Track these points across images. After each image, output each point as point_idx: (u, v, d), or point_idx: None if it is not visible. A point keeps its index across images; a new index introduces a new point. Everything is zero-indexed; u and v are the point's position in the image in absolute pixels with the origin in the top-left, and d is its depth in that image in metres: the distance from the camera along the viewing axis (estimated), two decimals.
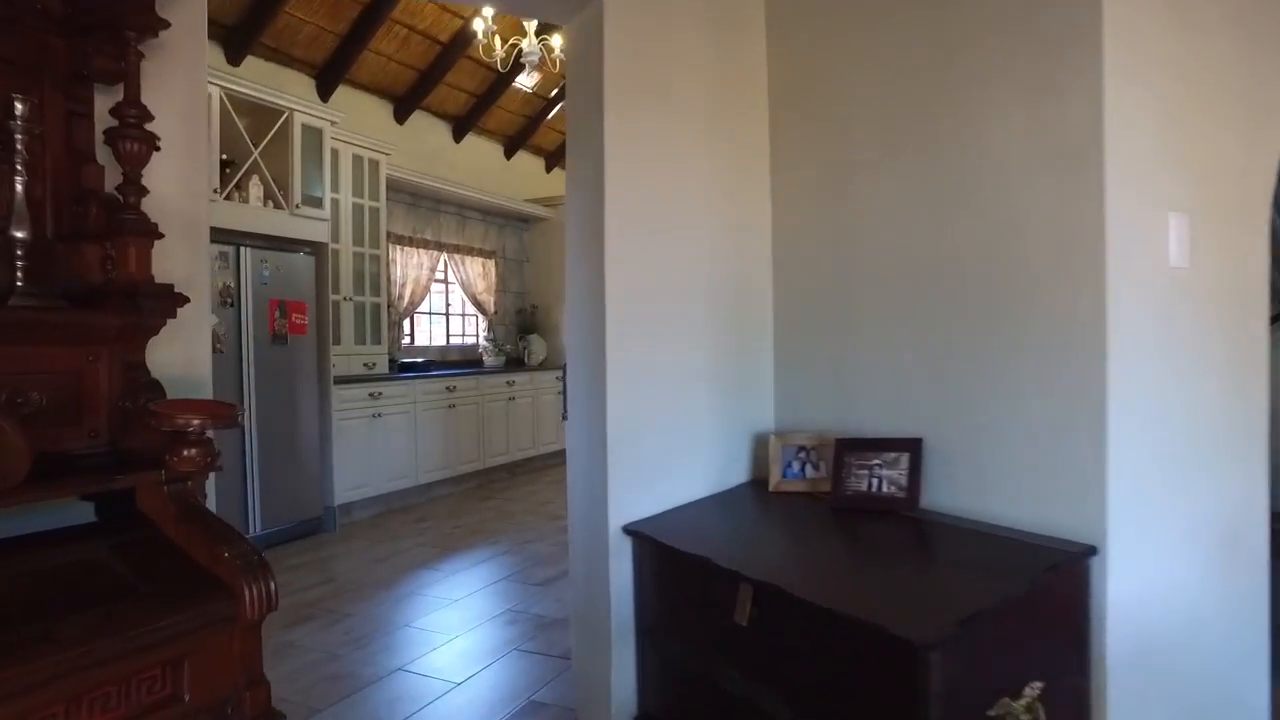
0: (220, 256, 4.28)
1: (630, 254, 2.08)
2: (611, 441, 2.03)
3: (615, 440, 2.03)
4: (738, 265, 2.36)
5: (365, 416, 5.28)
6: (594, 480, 2.11)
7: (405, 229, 6.58)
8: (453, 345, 7.36)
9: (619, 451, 2.04)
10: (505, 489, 6.34)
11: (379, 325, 5.73)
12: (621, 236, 2.07)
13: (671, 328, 2.17)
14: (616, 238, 2.06)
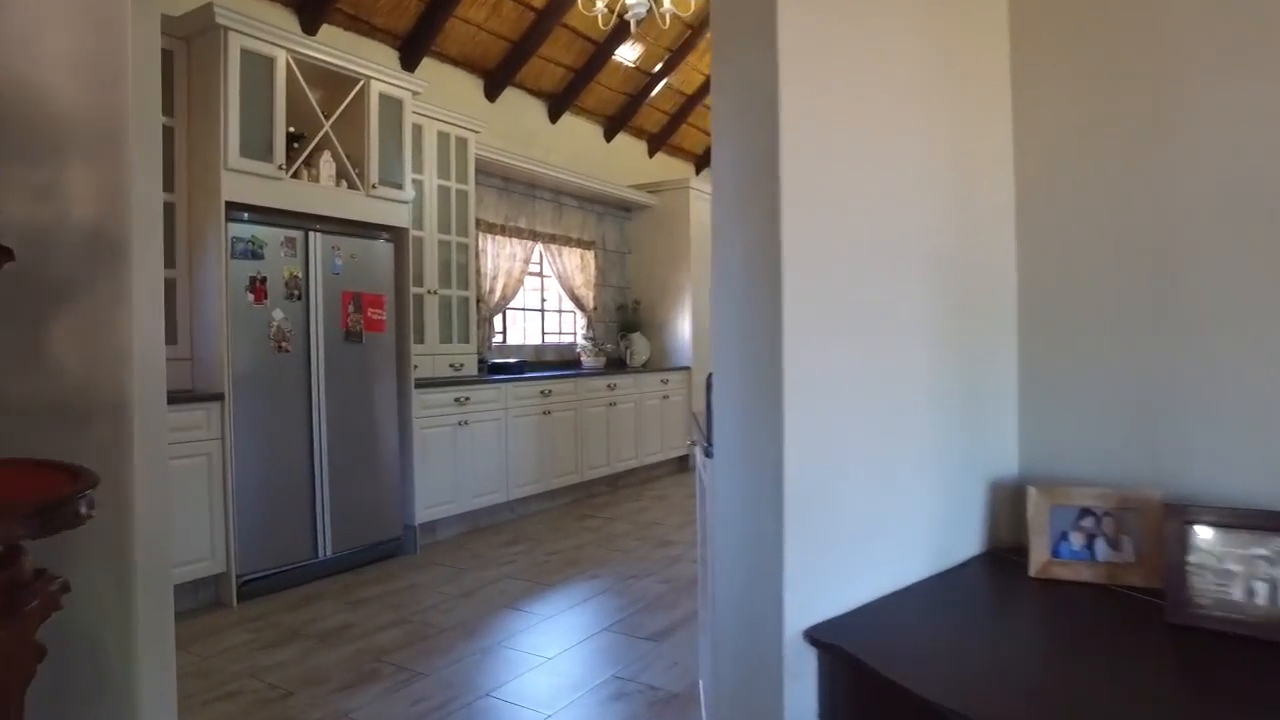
0: (286, 242, 3.74)
1: (816, 205, 1.31)
2: (790, 496, 1.26)
3: (795, 494, 1.27)
4: (963, 232, 1.55)
5: (450, 424, 4.69)
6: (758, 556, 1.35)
7: (496, 216, 6.00)
8: (548, 344, 6.75)
9: (801, 513, 1.28)
10: (605, 506, 5.67)
11: (467, 322, 5.14)
12: (804, 182, 1.30)
13: (876, 321, 1.39)
14: (797, 184, 1.29)
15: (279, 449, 3.71)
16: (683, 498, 5.93)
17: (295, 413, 3.78)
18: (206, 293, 3.56)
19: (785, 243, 1.29)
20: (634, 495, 6.06)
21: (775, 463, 1.28)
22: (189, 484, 3.36)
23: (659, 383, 6.87)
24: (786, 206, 1.29)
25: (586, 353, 6.68)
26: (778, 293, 1.28)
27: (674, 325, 7.37)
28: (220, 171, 3.48)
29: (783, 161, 1.29)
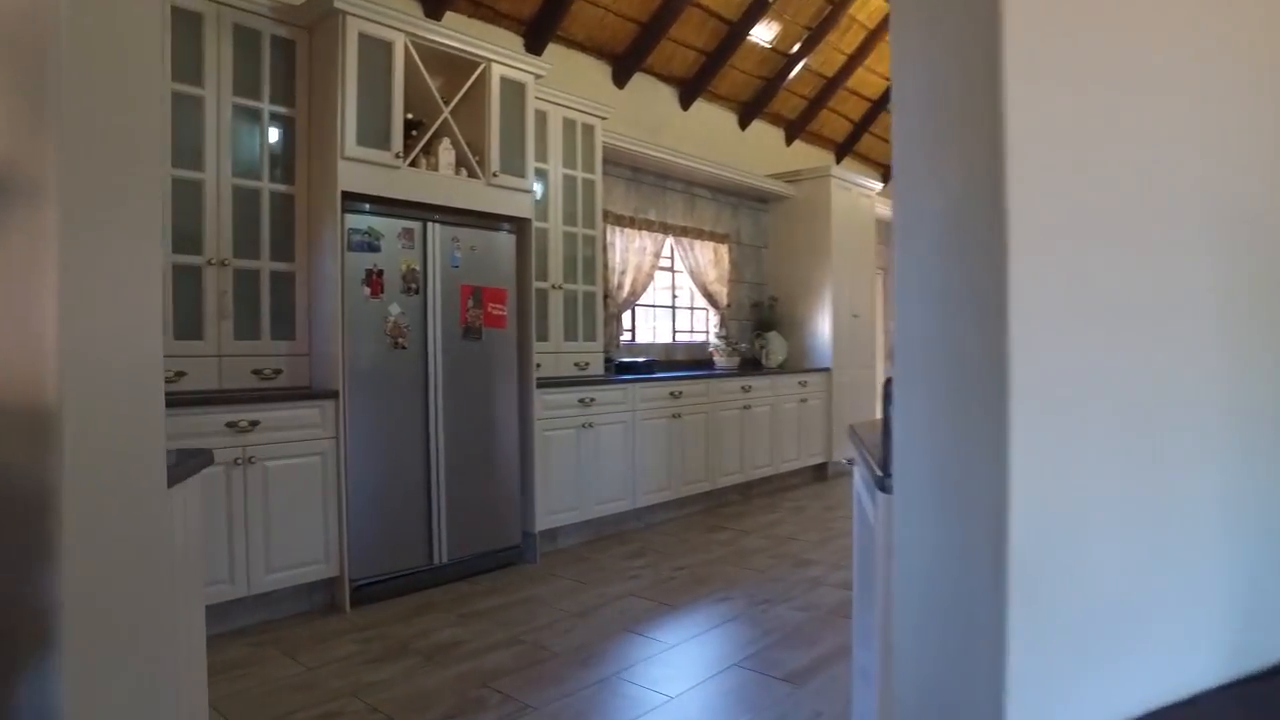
0: (404, 234, 3.58)
1: (1057, 140, 0.87)
2: (1016, 558, 0.84)
3: (1024, 554, 0.84)
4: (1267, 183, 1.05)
5: (574, 426, 4.43)
6: (964, 638, 0.93)
7: (625, 208, 5.71)
8: (678, 343, 6.41)
9: (1032, 581, 0.85)
10: (738, 517, 5.26)
11: (593, 318, 4.88)
12: (1039, 109, 0.86)
13: (1147, 306, 0.93)
14: (1028, 110, 0.85)
15: (395, 449, 3.55)
16: (820, 510, 5.44)
17: (412, 411, 3.61)
18: (323, 286, 3.44)
19: (1011, 194, 0.85)
20: (768, 505, 5.62)
21: (994, 508, 0.86)
22: (303, 483, 3.24)
23: (797, 385, 6.39)
24: (1013, 142, 0.86)
25: (719, 352, 6.30)
26: (1000, 262, 0.85)
27: (813, 323, 6.86)
28: (337, 160, 3.34)
29: (1007, 82, 0.85)
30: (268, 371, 3.39)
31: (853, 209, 7.06)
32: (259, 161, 3.42)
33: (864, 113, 8.01)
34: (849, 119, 7.98)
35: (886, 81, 7.73)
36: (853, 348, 7.06)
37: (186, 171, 3.20)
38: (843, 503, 5.69)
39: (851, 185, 7.03)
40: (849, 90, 7.55)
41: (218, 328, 3.27)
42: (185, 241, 3.20)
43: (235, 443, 3.06)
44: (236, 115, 3.34)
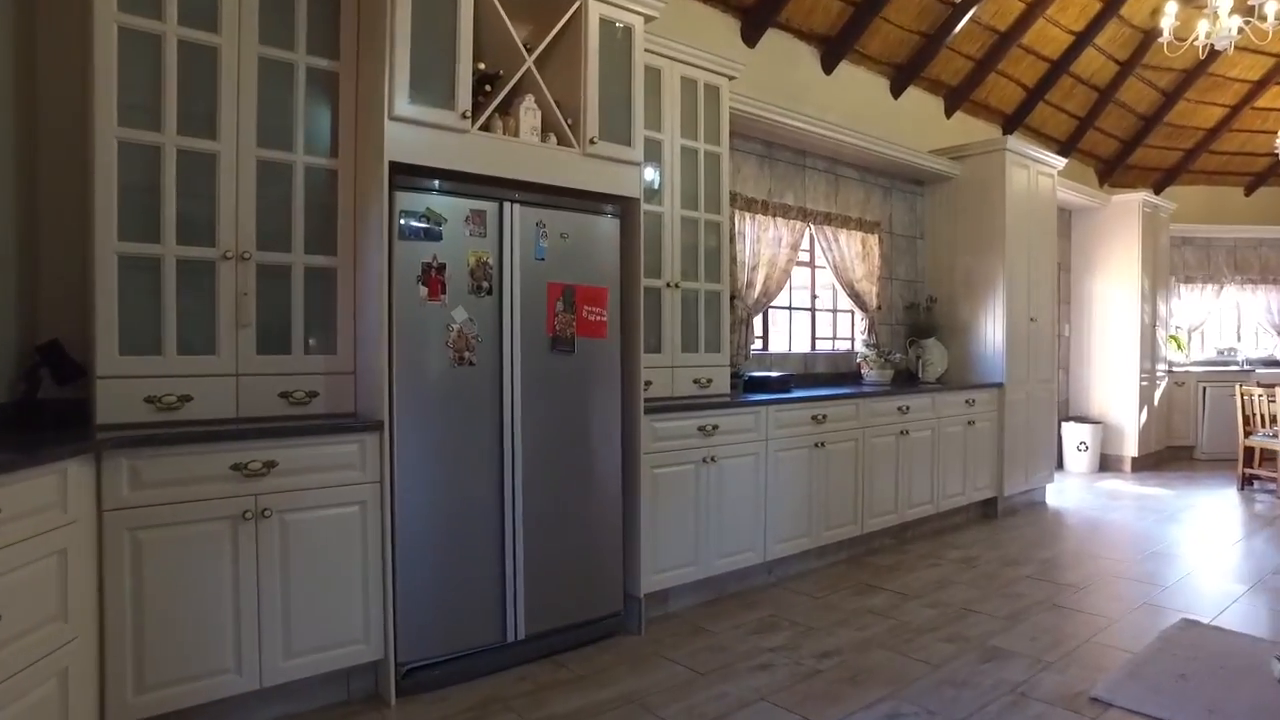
0: (472, 217, 2.78)
1: None
2: None
3: None
4: None
5: (692, 461, 3.53)
6: None
7: (757, 190, 4.76)
8: (819, 352, 5.38)
9: None
10: (892, 571, 4.20)
11: (717, 324, 3.95)
12: None
13: None
14: None
15: (458, 494, 2.75)
16: (997, 565, 4.29)
17: (481, 446, 2.80)
18: (369, 285, 2.68)
19: None
20: (929, 554, 4.52)
21: None
22: (336, 541, 2.49)
23: (963, 404, 5.24)
24: None
25: (868, 363, 5.23)
26: None
27: (980, 329, 5.68)
28: (383, 121, 2.57)
29: None
30: (299, 395, 2.67)
31: (1031, 191, 5.81)
32: (291, 128, 2.70)
33: (1040, 76, 6.69)
34: (1022, 85, 6.68)
35: (1070, 36, 6.41)
36: (1029, 358, 5.82)
37: (195, 140, 2.51)
38: (1023, 554, 4.53)
39: (1030, 162, 5.78)
40: (1024, 48, 6.28)
41: (235, 339, 2.57)
42: (193, 230, 2.51)
43: (244, 490, 2.33)
44: (264, 70, 2.63)
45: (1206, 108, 7.96)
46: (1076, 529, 5.20)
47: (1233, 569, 4.23)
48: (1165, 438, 7.91)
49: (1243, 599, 3.70)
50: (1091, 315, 7.64)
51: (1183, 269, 8.54)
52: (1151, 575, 4.13)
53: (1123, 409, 7.45)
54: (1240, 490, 6.56)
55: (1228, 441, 7.99)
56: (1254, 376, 8.01)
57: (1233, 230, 8.70)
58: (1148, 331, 7.51)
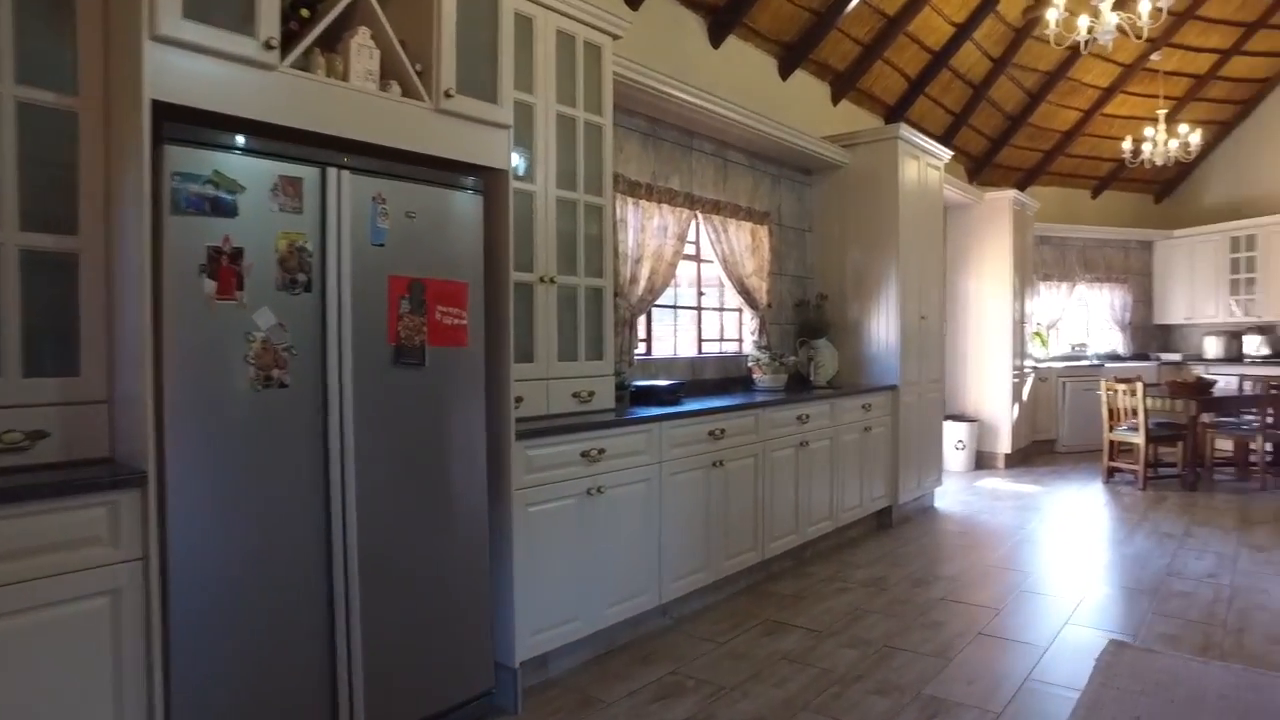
0: (283, 186, 2.04)
1: None
2: None
3: None
4: None
5: (575, 494, 2.91)
6: None
7: (640, 172, 4.19)
8: (707, 356, 4.89)
9: None
10: (798, 601, 3.75)
11: (600, 326, 3.35)
12: None
13: None
14: None
15: (265, 559, 2.01)
16: (906, 586, 3.94)
17: (298, 493, 2.08)
18: (128, 278, 1.90)
19: None
20: (833, 577, 4.11)
21: None
22: (67, 657, 1.70)
23: (860, 409, 4.90)
24: None
25: (761, 367, 4.78)
26: None
27: (871, 329, 5.38)
28: (141, 43, 1.79)
29: None
30: (15, 437, 1.85)
31: (921, 184, 5.57)
32: None
33: (923, 68, 6.52)
34: (905, 75, 6.48)
35: (953, 28, 6.25)
36: (920, 358, 5.58)
37: None
38: (929, 571, 4.21)
39: (920, 153, 5.54)
40: (910, 36, 6.05)
41: None
42: None
43: None
44: None
45: (1064, 111, 8.11)
46: (972, 536, 4.97)
47: (1131, 576, 4.06)
48: (1031, 432, 8.00)
49: (1152, 611, 3.49)
50: (967, 313, 7.60)
51: (1041, 267, 8.72)
52: (1059, 589, 3.90)
53: (997, 406, 7.45)
54: (1105, 483, 6.65)
55: (1085, 434, 8.22)
56: (1103, 371, 8.25)
57: (1083, 230, 8.98)
58: (1018, 329, 7.54)
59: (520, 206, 2.90)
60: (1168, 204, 9.69)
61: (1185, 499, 6.00)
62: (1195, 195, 9.43)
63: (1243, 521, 5.27)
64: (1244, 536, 4.88)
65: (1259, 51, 8.08)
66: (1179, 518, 5.38)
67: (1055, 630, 3.36)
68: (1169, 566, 4.26)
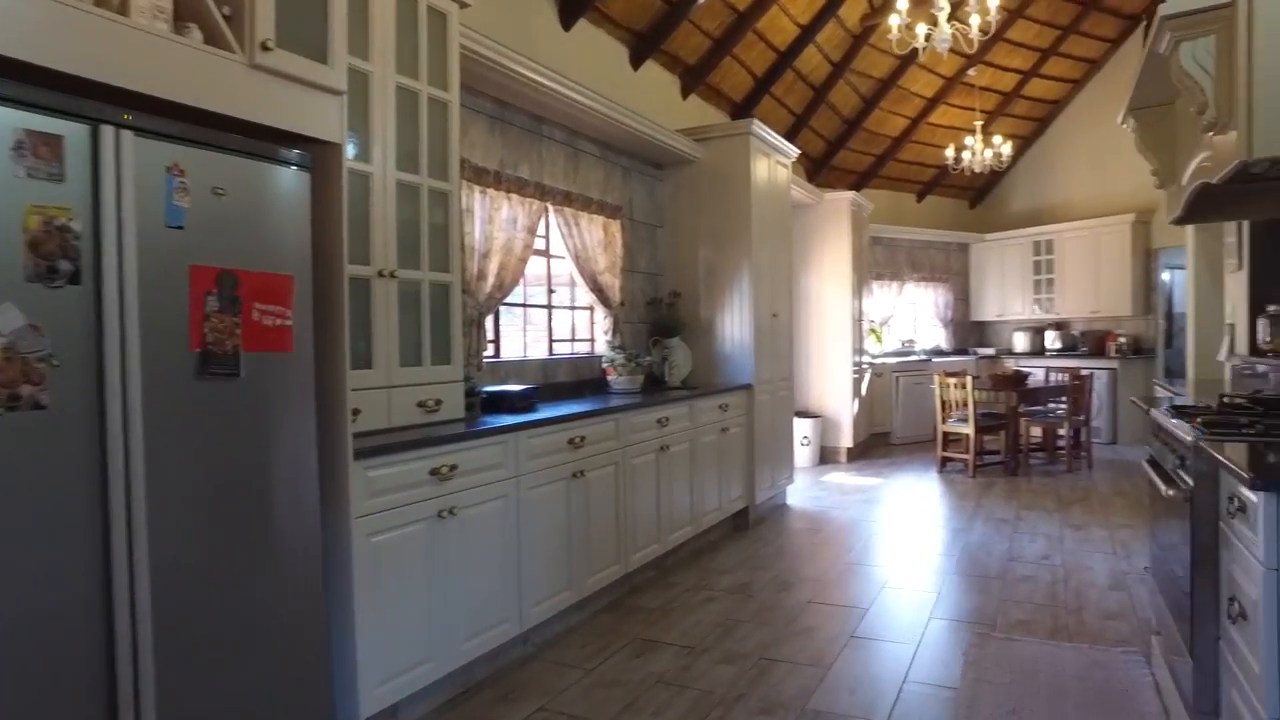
0: (33, 144, 1.56)
1: None
2: None
3: None
4: None
5: (425, 518, 2.55)
6: None
7: (487, 158, 3.85)
8: (559, 358, 4.61)
9: None
10: (665, 614, 3.55)
11: (447, 327, 3.00)
12: None
13: None
14: None
15: (11, 639, 1.54)
16: (773, 590, 3.86)
17: (64, 543, 1.61)
18: None
19: None
20: (698, 585, 3.96)
21: None
22: None
23: (718, 410, 4.79)
24: None
25: (616, 368, 4.57)
26: None
27: (724, 327, 5.31)
28: None
29: None
30: None
31: (771, 181, 5.56)
32: None
33: (769, 67, 6.55)
34: (753, 73, 6.48)
35: (798, 29, 6.31)
36: (773, 357, 5.57)
37: None
38: (792, 572, 4.16)
39: (770, 150, 5.53)
40: (758, 34, 6.04)
41: None
42: None
43: None
44: None
45: (894, 117, 8.49)
46: (827, 534, 4.99)
47: (979, 564, 4.19)
48: (869, 426, 8.31)
49: (1003, 597, 3.59)
50: (809, 311, 7.76)
51: (874, 266, 9.10)
52: (917, 582, 3.95)
53: (839, 402, 7.66)
54: (940, 472, 6.97)
55: (916, 426, 8.66)
56: (931, 365, 8.73)
57: (910, 232, 9.47)
58: (856, 326, 7.79)
59: (356, 189, 2.51)
60: (980, 209, 10.42)
61: (1009, 484, 6.38)
62: (1003, 202, 10.20)
63: (1060, 503, 5.64)
64: (1064, 517, 5.21)
65: (1052, 76, 8.82)
66: (1008, 503, 5.69)
67: (921, 626, 3.36)
68: (1009, 551, 4.44)
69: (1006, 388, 6.85)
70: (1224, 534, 2.02)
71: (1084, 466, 7.02)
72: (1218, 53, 2.04)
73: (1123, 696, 2.71)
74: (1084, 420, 7.07)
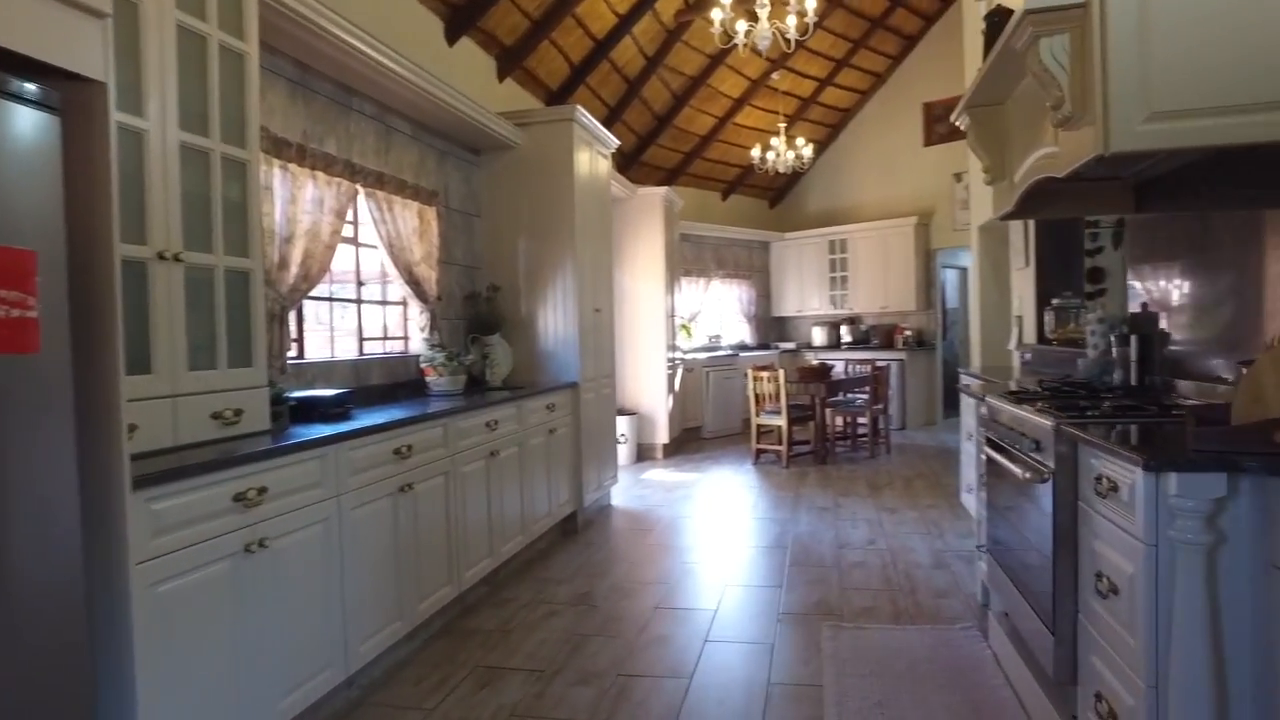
0: None
1: None
2: None
3: None
4: None
5: (227, 555, 2.09)
6: None
7: (288, 129, 3.34)
8: (371, 358, 4.13)
9: None
10: (506, 635, 3.24)
11: (247, 322, 2.51)
12: None
13: None
14: None
15: None
16: (615, 599, 3.67)
17: None
18: None
19: None
20: (536, 599, 3.68)
21: None
22: None
23: (545, 410, 4.53)
24: None
25: (436, 368, 4.17)
26: None
27: (546, 323, 5.06)
28: None
29: None
30: None
31: (593, 171, 5.38)
32: None
33: (586, 54, 6.36)
34: (570, 60, 6.26)
35: (616, 18, 6.17)
36: (596, 353, 5.39)
37: None
38: (631, 579, 4.00)
39: (593, 139, 5.34)
40: (576, 19, 5.83)
41: None
42: None
43: None
44: None
45: (702, 116, 8.62)
46: (658, 534, 4.88)
47: (814, 554, 4.24)
48: (682, 421, 8.38)
49: (842, 586, 3.64)
50: (623, 306, 7.67)
51: (683, 263, 9.20)
52: (759, 579, 3.92)
53: (654, 398, 7.64)
54: (755, 464, 7.14)
55: (725, 420, 8.86)
56: (739, 360, 8.99)
57: (716, 230, 9.69)
58: (669, 322, 7.81)
59: (128, 150, 2.01)
60: (780, 209, 10.90)
61: (821, 473, 6.63)
62: (801, 202, 10.72)
63: (871, 488, 5.93)
64: (877, 501, 5.46)
65: (843, 85, 9.38)
66: (825, 491, 5.89)
67: (772, 623, 3.30)
68: (837, 539, 4.55)
69: (814, 380, 7.13)
70: (1085, 513, 2.07)
71: (884, 452, 7.48)
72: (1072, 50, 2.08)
73: (971, 672, 2.78)
74: (883, 409, 7.53)
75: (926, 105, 9.30)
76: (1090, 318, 3.12)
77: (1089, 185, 2.91)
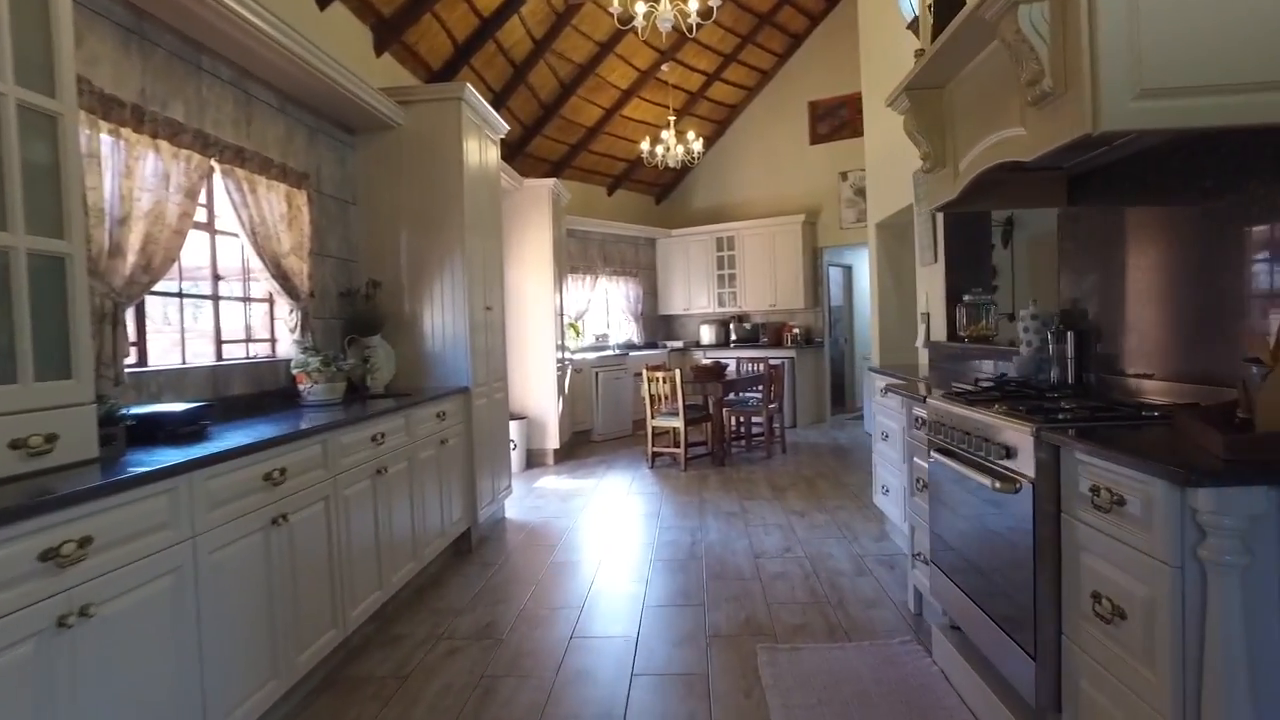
0: None
1: None
2: None
3: None
4: None
5: (31, 634, 1.57)
6: None
7: (122, 86, 2.74)
8: (232, 363, 3.54)
9: None
10: (403, 682, 2.79)
11: (65, 322, 1.96)
12: None
13: None
14: None
15: None
16: (524, 628, 3.28)
17: None
18: None
19: None
20: (435, 635, 3.22)
21: None
22: None
23: (435, 419, 4.07)
24: None
25: (311, 375, 3.64)
26: None
27: (433, 322, 4.60)
28: None
29: None
30: None
31: (482, 158, 4.94)
32: None
33: (472, 32, 5.88)
34: (454, 37, 5.77)
35: None
36: (488, 355, 4.96)
37: None
38: (538, 604, 3.62)
39: (481, 122, 4.89)
40: None
41: None
42: None
43: None
44: None
45: (590, 106, 8.28)
46: (559, 550, 4.50)
47: (731, 566, 3.99)
48: (572, 425, 8.02)
49: (769, 600, 3.40)
50: (510, 305, 7.22)
51: (569, 260, 8.84)
52: (679, 597, 3.62)
53: (544, 401, 7.24)
54: (651, 468, 6.87)
55: (615, 422, 8.57)
56: (629, 360, 8.72)
57: (603, 225, 9.38)
58: (558, 321, 7.44)
59: None
60: (666, 205, 10.70)
61: (721, 475, 6.44)
62: (687, 199, 10.57)
63: (774, 490, 5.77)
64: (784, 505, 5.29)
65: (730, 81, 9.27)
66: (728, 494, 5.68)
67: (702, 648, 3.01)
68: (751, 548, 4.32)
69: (710, 380, 6.94)
70: (1069, 525, 1.88)
71: (780, 451, 7.38)
72: (1052, 18, 1.89)
73: (923, 693, 2.59)
74: (777, 407, 7.43)
75: (812, 104, 9.33)
76: (1024, 314, 3.00)
77: (1028, 175, 2.78)
